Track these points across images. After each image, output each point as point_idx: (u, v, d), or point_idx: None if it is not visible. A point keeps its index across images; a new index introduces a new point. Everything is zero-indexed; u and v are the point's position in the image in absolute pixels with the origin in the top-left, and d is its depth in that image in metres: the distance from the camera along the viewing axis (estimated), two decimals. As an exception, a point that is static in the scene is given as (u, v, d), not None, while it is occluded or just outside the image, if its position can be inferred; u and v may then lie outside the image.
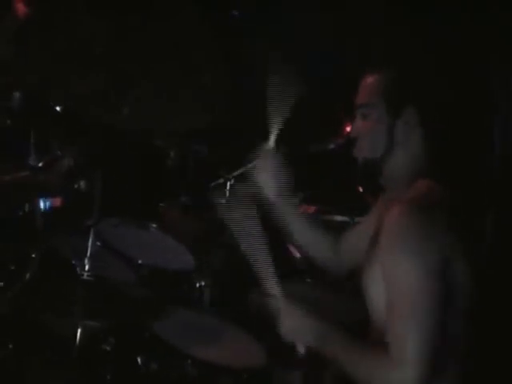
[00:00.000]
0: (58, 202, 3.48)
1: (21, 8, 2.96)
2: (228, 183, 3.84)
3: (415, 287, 1.79)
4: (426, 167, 2.01)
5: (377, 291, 1.92)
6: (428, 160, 2.01)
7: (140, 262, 3.32)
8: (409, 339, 1.77)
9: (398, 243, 1.84)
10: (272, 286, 2.10)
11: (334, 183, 3.95)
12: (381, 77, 2.03)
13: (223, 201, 3.80)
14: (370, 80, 2.05)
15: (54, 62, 2.93)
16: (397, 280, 1.82)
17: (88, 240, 3.01)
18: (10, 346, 3.03)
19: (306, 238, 2.38)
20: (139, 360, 3.02)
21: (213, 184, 3.86)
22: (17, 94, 3.14)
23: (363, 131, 2.05)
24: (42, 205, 3.42)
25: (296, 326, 2.01)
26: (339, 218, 4.01)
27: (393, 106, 2.00)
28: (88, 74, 3.03)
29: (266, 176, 2.30)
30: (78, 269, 2.97)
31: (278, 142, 2.67)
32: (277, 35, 3.85)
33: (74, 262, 3.03)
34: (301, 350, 2.15)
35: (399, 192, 2.00)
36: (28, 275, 3.07)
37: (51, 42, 2.93)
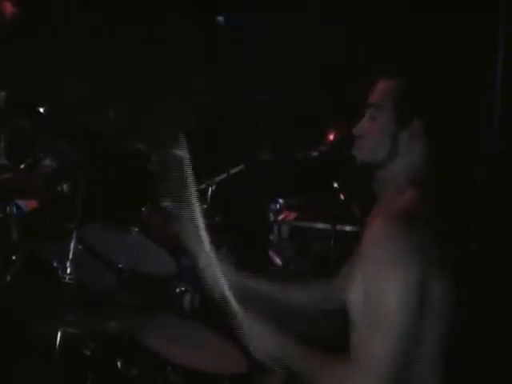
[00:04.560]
0: (39, 204, 3.46)
1: (8, 8, 2.94)
2: (210, 189, 3.85)
3: (392, 298, 1.80)
4: (420, 177, 2.02)
5: (359, 302, 1.93)
6: (424, 170, 2.02)
7: (121, 266, 3.30)
8: (377, 347, 1.79)
9: (379, 254, 1.85)
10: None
11: (316, 190, 3.97)
12: (395, 84, 2.04)
13: (204, 206, 3.82)
14: (385, 83, 2.06)
15: (42, 65, 2.92)
16: (375, 289, 1.84)
17: (70, 243, 2.99)
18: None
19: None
20: (119, 365, 3.00)
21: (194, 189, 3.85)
22: (2, 94, 3.11)
23: (368, 132, 2.05)
24: (23, 207, 3.40)
25: (262, 344, 2.06)
26: (320, 225, 4.04)
27: (401, 115, 2.01)
28: (75, 78, 3.02)
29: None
30: (59, 272, 2.95)
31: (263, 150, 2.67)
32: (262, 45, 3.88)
33: (55, 265, 3.01)
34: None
35: (388, 201, 2.00)
36: (9, 278, 3.05)
37: (40, 46, 2.92)
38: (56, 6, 2.99)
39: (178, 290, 3.44)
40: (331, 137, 3.43)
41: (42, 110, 3.18)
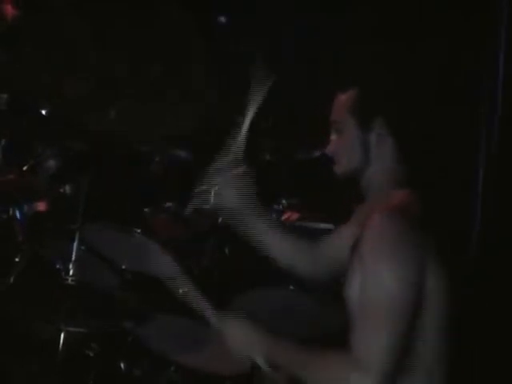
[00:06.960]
0: (42, 205, 3.46)
1: (9, 10, 2.94)
2: (212, 190, 3.84)
3: (392, 294, 1.81)
4: (402, 177, 2.05)
5: (358, 297, 1.93)
6: (403, 170, 2.06)
7: (124, 266, 3.31)
8: (376, 344, 1.79)
9: (379, 251, 1.85)
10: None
11: (319, 190, 3.96)
12: (349, 93, 2.07)
13: (207, 207, 3.81)
14: (339, 97, 2.10)
15: (42, 65, 2.91)
16: (375, 285, 1.84)
17: (73, 244, 2.99)
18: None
19: (281, 249, 2.41)
20: (122, 366, 3.00)
21: (197, 190, 3.84)
22: (4, 96, 3.11)
23: (338, 148, 2.09)
24: (25, 208, 3.40)
25: (243, 339, 2.08)
26: (323, 225, 4.02)
27: (362, 119, 2.04)
28: (75, 79, 3.02)
29: (228, 190, 2.33)
30: (62, 273, 2.96)
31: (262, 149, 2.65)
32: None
33: (58, 266, 3.01)
34: (260, 363, 2.14)
35: (378, 201, 2.03)
36: (12, 279, 3.05)
37: (40, 46, 2.92)
38: (51, 6, 2.99)
39: (180, 290, 3.43)
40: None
41: (43, 111, 3.18)
